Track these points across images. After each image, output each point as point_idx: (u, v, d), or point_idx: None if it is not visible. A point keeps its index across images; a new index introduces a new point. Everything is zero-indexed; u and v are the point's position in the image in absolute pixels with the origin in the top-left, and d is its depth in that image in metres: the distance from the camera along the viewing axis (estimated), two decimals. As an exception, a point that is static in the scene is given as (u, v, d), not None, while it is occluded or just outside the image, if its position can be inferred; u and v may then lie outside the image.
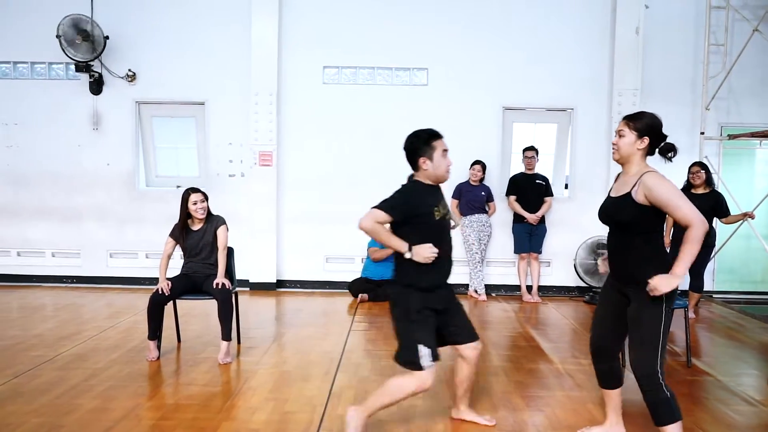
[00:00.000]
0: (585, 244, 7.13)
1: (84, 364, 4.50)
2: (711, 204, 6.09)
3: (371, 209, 3.17)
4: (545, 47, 7.49)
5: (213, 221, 4.85)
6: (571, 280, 7.52)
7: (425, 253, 3.11)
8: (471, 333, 3.45)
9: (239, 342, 5.11)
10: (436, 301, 3.23)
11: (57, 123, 7.62)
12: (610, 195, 3.08)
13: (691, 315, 6.17)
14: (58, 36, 7.15)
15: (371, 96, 7.55)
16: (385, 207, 3.15)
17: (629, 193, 2.90)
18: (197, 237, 4.81)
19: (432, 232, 3.22)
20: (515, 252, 7.37)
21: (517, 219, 7.27)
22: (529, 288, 7.33)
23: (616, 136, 3.03)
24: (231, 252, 5.04)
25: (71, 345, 4.97)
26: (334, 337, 5.39)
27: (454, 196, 7.40)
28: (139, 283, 7.62)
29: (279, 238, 7.59)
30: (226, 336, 4.62)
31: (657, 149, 3.03)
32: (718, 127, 7.66)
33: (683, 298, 5.10)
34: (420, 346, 3.09)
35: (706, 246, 6.14)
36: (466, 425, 3.53)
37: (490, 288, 7.55)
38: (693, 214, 2.78)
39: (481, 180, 7.32)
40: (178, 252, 4.95)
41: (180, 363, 4.60)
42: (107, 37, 7.33)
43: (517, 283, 7.44)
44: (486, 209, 7.38)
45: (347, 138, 7.57)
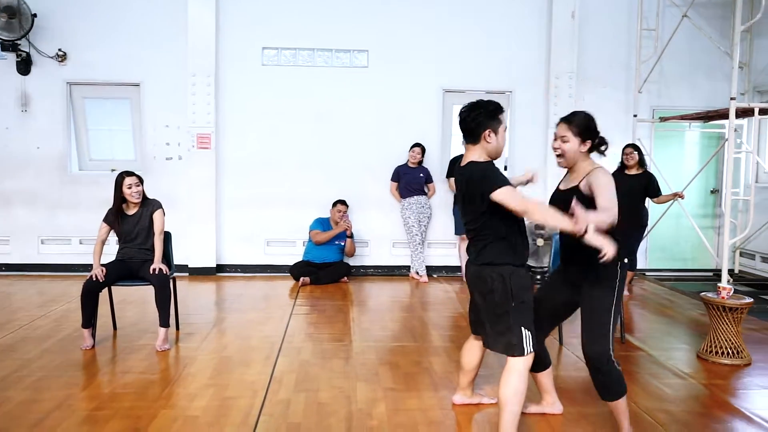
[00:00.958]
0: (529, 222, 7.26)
1: (14, 354, 4.32)
2: (643, 184, 6.30)
3: (506, 193, 2.82)
4: (484, 31, 7.54)
5: (149, 205, 4.71)
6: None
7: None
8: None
9: (178, 328, 5.00)
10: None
11: (-20, 104, 7.23)
12: (559, 188, 3.14)
13: (626, 292, 6.39)
14: (-22, 11, 6.76)
15: (311, 78, 7.45)
16: (509, 184, 2.88)
17: (577, 187, 2.99)
18: (132, 222, 4.66)
19: None
20: (456, 233, 7.45)
21: (457, 200, 7.34)
22: (471, 269, 7.42)
23: (557, 140, 3.01)
24: (168, 236, 4.91)
25: (0, 335, 4.77)
26: (275, 322, 5.34)
27: (393, 178, 7.41)
28: (73, 270, 7.35)
29: (219, 222, 7.45)
30: (163, 322, 4.51)
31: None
32: (650, 110, 7.91)
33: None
34: (524, 330, 2.95)
35: (639, 226, 6.37)
36: (470, 408, 3.56)
37: (431, 269, 7.63)
38: (613, 205, 2.83)
39: (420, 162, 7.35)
40: (113, 237, 4.79)
41: (116, 351, 4.47)
42: (35, 15, 6.97)
43: (458, 264, 7.54)
44: (425, 191, 7.42)
45: (287, 120, 7.46)
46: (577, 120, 3.00)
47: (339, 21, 7.42)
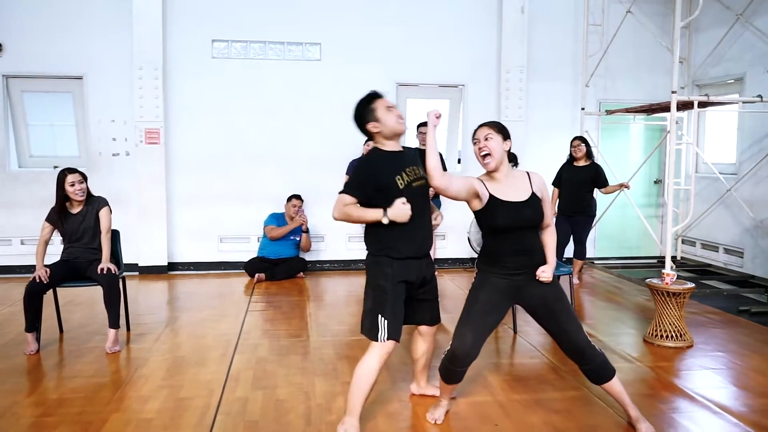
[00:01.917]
0: (477, 217, 7.36)
1: (-48, 361, 4.14)
2: (591, 175, 6.46)
3: (338, 195, 3.06)
4: (437, 25, 7.58)
5: (94, 203, 4.57)
6: (465, 252, 7.76)
7: (400, 211, 2.96)
8: (435, 316, 3.41)
9: (128, 329, 4.87)
10: (409, 273, 3.10)
11: None
12: (504, 201, 3.00)
13: (576, 281, 6.55)
14: None
15: (263, 71, 7.35)
16: (348, 189, 3.05)
17: (534, 194, 3.05)
18: (77, 221, 4.51)
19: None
20: (411, 226, 7.48)
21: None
22: (425, 261, 7.47)
23: (479, 142, 3.03)
24: (117, 235, 4.78)
25: (-63, 342, 4.55)
26: (230, 319, 5.27)
27: (347, 172, 7.38)
28: (14, 272, 7.08)
29: (169, 219, 7.28)
30: (113, 323, 4.39)
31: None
32: (596, 103, 8.11)
33: (567, 265, 5.40)
34: (380, 316, 3.01)
35: (587, 215, 6.52)
36: (426, 399, 3.57)
37: (387, 263, 7.63)
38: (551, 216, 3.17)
39: (376, 156, 7.34)
40: (57, 237, 4.63)
41: (63, 355, 4.33)
42: None
43: (414, 257, 7.56)
44: (381, 185, 7.42)
45: (239, 114, 7.34)
46: (494, 122, 3.13)
47: (291, 13, 7.34)
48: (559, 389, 3.71)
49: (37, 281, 4.27)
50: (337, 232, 7.60)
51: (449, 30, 7.61)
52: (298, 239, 7.10)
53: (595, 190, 6.61)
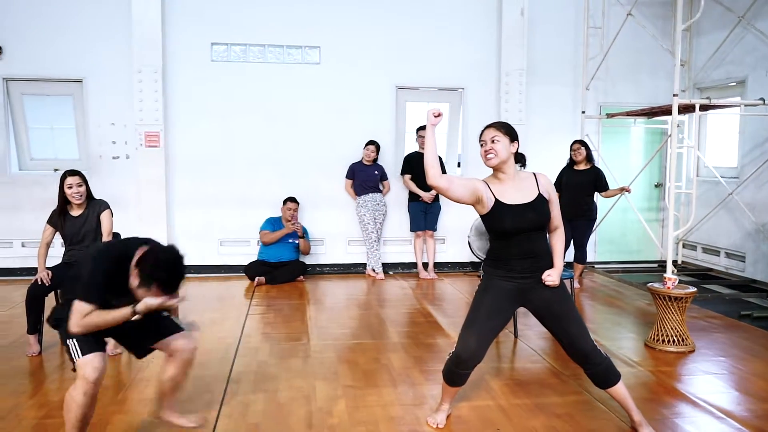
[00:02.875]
0: (478, 221, 7.36)
1: (-47, 364, 4.13)
2: (591, 179, 6.46)
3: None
4: (436, 28, 7.59)
5: (95, 206, 4.56)
6: (465, 256, 7.76)
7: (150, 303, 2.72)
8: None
9: (129, 332, 4.86)
10: None
11: None
12: (509, 204, 2.98)
13: (576, 285, 6.54)
14: None
15: (262, 74, 7.35)
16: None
17: (540, 195, 3.03)
18: (78, 223, 4.50)
19: None
20: (411, 230, 7.49)
21: (413, 198, 7.37)
22: (425, 265, 7.48)
23: (486, 144, 3.02)
24: (117, 238, 4.77)
25: (-63, 345, 4.54)
26: (231, 322, 5.26)
27: (347, 176, 7.40)
28: (16, 274, 7.08)
29: (170, 222, 7.28)
30: (114, 326, 4.38)
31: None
32: (597, 106, 8.11)
33: (569, 269, 5.40)
34: (68, 340, 2.74)
35: (588, 219, 6.53)
36: (427, 403, 3.55)
37: (387, 266, 7.64)
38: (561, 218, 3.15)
39: (375, 160, 7.36)
40: (59, 240, 4.63)
41: (64, 357, 4.31)
42: None
43: (414, 261, 7.57)
44: (380, 188, 7.43)
45: (239, 117, 7.35)
46: (502, 123, 3.11)
47: (290, 17, 7.34)
48: (561, 393, 3.70)
49: (39, 283, 4.27)
50: (337, 235, 7.60)
51: (449, 33, 7.62)
52: (297, 242, 7.10)
53: (596, 193, 6.61)
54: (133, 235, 3.05)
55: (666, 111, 6.87)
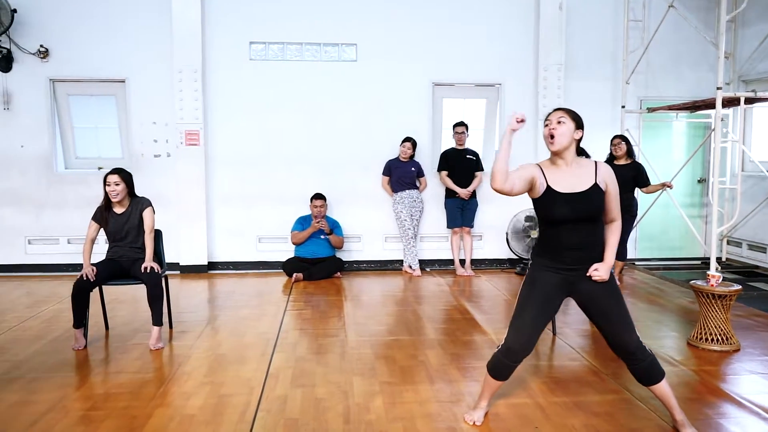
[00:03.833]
0: (516, 217, 7.30)
1: (3, 356, 4.28)
2: (632, 174, 6.34)
3: None
4: (473, 23, 7.53)
5: (138, 204, 4.67)
6: (503, 252, 7.70)
7: None
8: None
9: (171, 327, 4.97)
10: None
11: (-36, 103, 7.14)
12: (561, 192, 2.93)
13: (616, 282, 6.42)
14: (-40, 9, 6.66)
15: (300, 72, 7.41)
16: None
17: (596, 185, 2.94)
18: (121, 220, 4.62)
19: None
20: (448, 227, 7.47)
21: (449, 194, 7.35)
22: (462, 262, 7.45)
23: (551, 123, 2.95)
24: (159, 235, 4.88)
25: (-11, 338, 4.71)
26: (269, 318, 5.33)
27: (384, 173, 7.41)
28: (62, 270, 7.29)
29: (209, 219, 7.41)
30: (156, 321, 4.49)
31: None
32: (637, 101, 7.96)
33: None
34: None
35: (629, 215, 6.41)
36: (464, 401, 3.56)
37: (423, 263, 7.64)
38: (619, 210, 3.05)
39: (411, 156, 7.35)
40: (103, 237, 4.75)
41: (109, 351, 4.44)
42: (15, 11, 6.88)
43: (451, 258, 7.55)
44: (417, 185, 7.43)
45: (276, 115, 7.42)
46: (572, 110, 3.03)
47: (327, 14, 7.38)
48: (600, 392, 3.65)
49: (84, 279, 4.39)
50: (374, 232, 7.62)
51: (485, 28, 7.56)
52: (327, 238, 7.11)
53: (637, 189, 6.48)
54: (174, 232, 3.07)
55: (709, 104, 6.70)
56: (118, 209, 4.64)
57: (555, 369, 4.10)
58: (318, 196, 7.12)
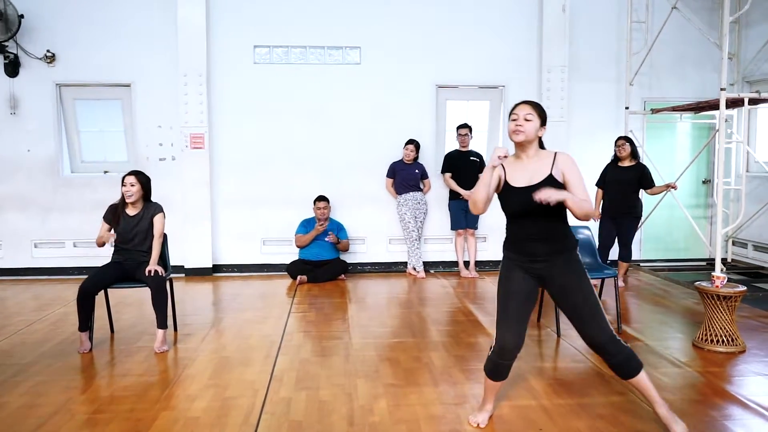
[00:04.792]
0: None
1: (9, 359, 4.30)
2: (637, 176, 6.33)
3: None
4: (476, 25, 7.54)
5: (150, 208, 4.70)
6: (507, 254, 7.68)
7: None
8: None
9: (176, 329, 4.99)
10: None
11: (-29, 108, 7.19)
12: (515, 187, 2.96)
13: (621, 284, 6.42)
14: (-33, 14, 6.71)
15: (304, 75, 7.43)
16: None
17: (551, 176, 2.90)
18: (132, 222, 4.65)
19: None
20: (452, 228, 7.47)
21: (453, 196, 7.35)
22: (467, 263, 7.45)
23: (518, 119, 2.94)
24: (164, 238, 4.90)
25: (-5, 341, 4.74)
26: (273, 320, 5.34)
27: (388, 175, 7.42)
28: (67, 273, 7.33)
29: (214, 222, 7.43)
30: (161, 324, 4.51)
31: None
32: (641, 102, 7.94)
33: (613, 267, 5.30)
34: None
35: (633, 217, 6.40)
36: (468, 403, 3.56)
37: (428, 265, 7.64)
38: (588, 197, 2.94)
39: (415, 158, 7.36)
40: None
41: (114, 354, 4.46)
42: (22, 16, 6.92)
43: (455, 259, 7.55)
44: (420, 187, 7.43)
45: (281, 118, 7.44)
46: (538, 105, 3.03)
47: (330, 18, 7.40)
48: (604, 394, 3.65)
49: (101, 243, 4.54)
50: (378, 234, 7.63)
51: (489, 30, 7.56)
52: (331, 241, 7.11)
53: (641, 191, 6.47)
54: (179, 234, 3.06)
55: (713, 105, 6.69)
56: (131, 211, 4.68)
57: (559, 371, 4.10)
58: (321, 198, 7.13)
